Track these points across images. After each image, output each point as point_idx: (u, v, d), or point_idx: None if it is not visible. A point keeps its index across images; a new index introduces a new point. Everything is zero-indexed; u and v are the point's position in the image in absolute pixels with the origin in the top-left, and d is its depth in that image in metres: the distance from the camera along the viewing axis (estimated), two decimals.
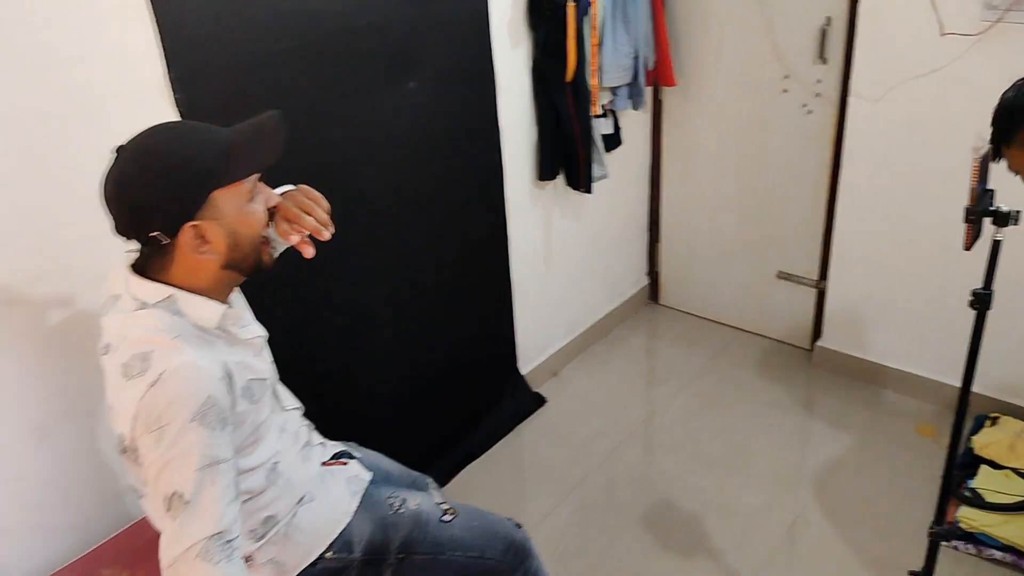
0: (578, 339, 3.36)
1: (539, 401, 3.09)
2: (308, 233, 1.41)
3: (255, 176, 1.34)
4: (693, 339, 3.46)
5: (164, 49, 1.70)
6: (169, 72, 1.71)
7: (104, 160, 1.27)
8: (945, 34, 2.45)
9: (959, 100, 2.51)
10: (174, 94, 1.73)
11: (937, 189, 2.64)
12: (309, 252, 1.41)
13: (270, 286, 1.70)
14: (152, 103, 1.71)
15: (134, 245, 1.32)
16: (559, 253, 3.11)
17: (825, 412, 2.99)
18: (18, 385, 1.63)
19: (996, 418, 2.70)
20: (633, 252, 3.57)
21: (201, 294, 1.34)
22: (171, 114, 1.74)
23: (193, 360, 1.26)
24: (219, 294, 1.38)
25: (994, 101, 2.44)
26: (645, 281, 3.69)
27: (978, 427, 2.69)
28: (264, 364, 1.48)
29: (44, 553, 1.73)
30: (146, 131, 1.29)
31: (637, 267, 3.63)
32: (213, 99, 1.81)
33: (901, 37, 2.56)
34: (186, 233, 1.27)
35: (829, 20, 2.77)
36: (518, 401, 3.02)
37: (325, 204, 1.45)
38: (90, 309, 1.70)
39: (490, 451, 2.85)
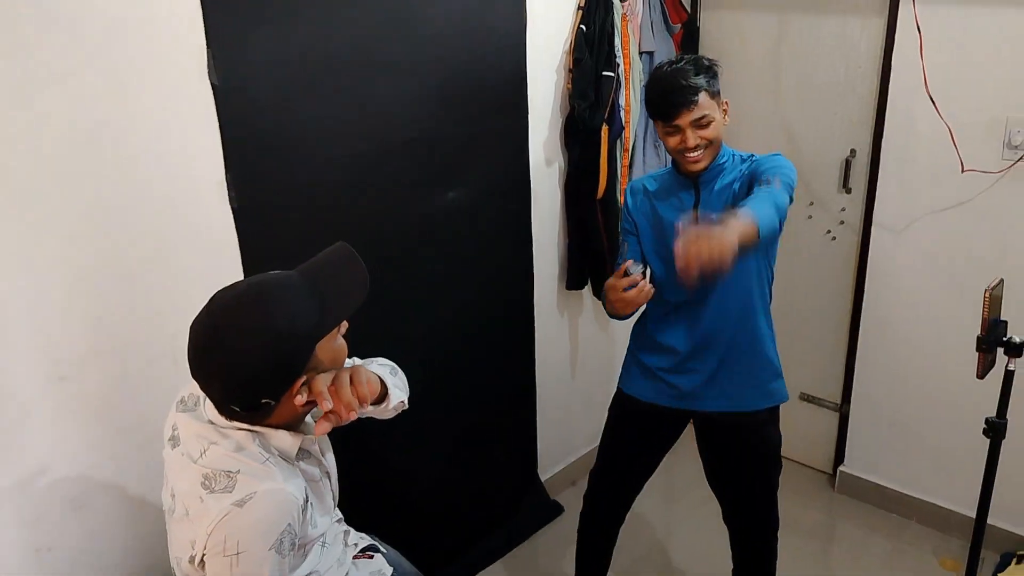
0: (592, 453, 3.36)
1: (557, 510, 3.08)
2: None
3: None
4: None
5: (224, 151, 1.83)
6: (227, 173, 1.84)
7: (167, 249, 1.36)
8: (967, 171, 2.54)
9: (980, 234, 2.59)
10: (229, 193, 1.86)
11: (958, 318, 2.67)
12: (321, 428, 1.34)
13: None
14: (210, 200, 1.83)
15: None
16: (584, 361, 3.16)
17: (846, 540, 2.94)
18: (59, 456, 1.70)
19: (1023, 556, 2.65)
20: None
21: (281, 427, 1.35)
22: (226, 212, 1.86)
23: (283, 486, 1.28)
24: (296, 425, 1.40)
25: (1015, 236, 2.52)
26: None
27: (1004, 565, 2.63)
28: (329, 487, 1.51)
29: None
30: (233, 301, 1.28)
31: None
32: (265, 201, 1.94)
33: (924, 171, 2.66)
34: (294, 391, 1.29)
35: (854, 152, 2.88)
36: (536, 508, 3.02)
37: (363, 393, 1.34)
38: (138, 389, 1.79)
39: (505, 557, 2.84)
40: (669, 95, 1.88)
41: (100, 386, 1.73)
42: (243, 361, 1.24)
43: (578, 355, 3.12)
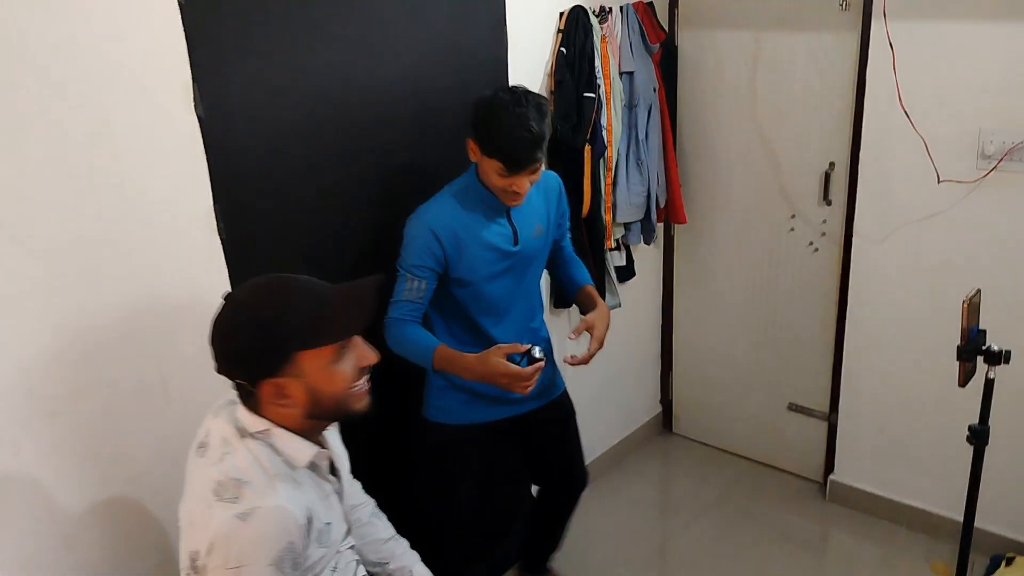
0: (591, 465, 3.35)
1: None
2: None
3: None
4: (706, 469, 3.47)
5: (212, 182, 1.85)
6: (215, 204, 1.86)
7: (156, 282, 1.39)
8: (943, 181, 2.59)
9: (958, 243, 2.63)
10: (218, 223, 1.88)
11: (940, 327, 2.71)
12: None
13: None
14: (198, 232, 1.85)
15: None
16: (573, 379, 3.16)
17: (838, 548, 2.97)
18: (50, 492, 1.69)
19: (1012, 559, 2.68)
20: (646, 380, 3.64)
21: (295, 432, 1.40)
22: (214, 242, 1.88)
23: (284, 504, 1.31)
24: (310, 435, 1.44)
25: (991, 244, 2.56)
26: (658, 409, 3.74)
27: (994, 567, 2.66)
28: (340, 509, 1.53)
29: None
30: (257, 281, 1.38)
31: (650, 395, 3.69)
32: (253, 231, 1.96)
33: (901, 182, 2.70)
34: (266, 387, 1.35)
35: (832, 165, 2.92)
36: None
37: None
38: (128, 423, 1.79)
39: None
40: (521, 150, 1.89)
41: (90, 421, 1.73)
42: (231, 333, 1.34)
43: (566, 373, 3.13)
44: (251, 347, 1.33)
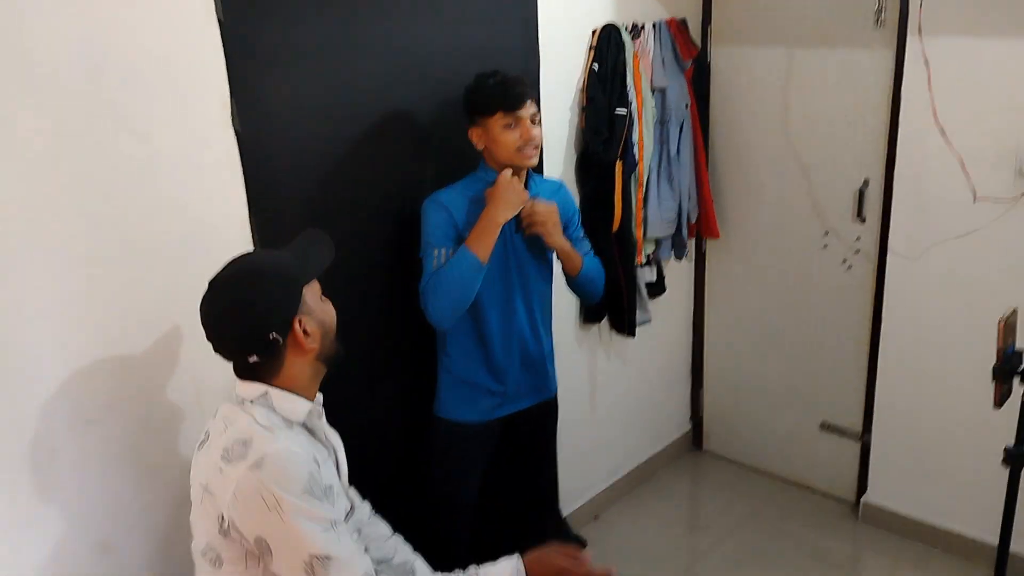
0: (620, 482, 3.36)
1: (580, 544, 3.07)
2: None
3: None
4: (736, 488, 3.43)
5: (248, 194, 1.89)
6: (251, 217, 1.90)
7: (192, 293, 1.43)
8: (979, 199, 2.56)
9: (995, 261, 2.60)
10: (253, 235, 1.91)
11: (977, 345, 2.66)
12: None
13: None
14: (234, 242, 1.87)
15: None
16: (603, 395, 3.17)
17: (871, 570, 2.92)
18: (86, 498, 1.73)
19: None
20: (676, 397, 3.62)
21: (293, 392, 1.50)
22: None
23: (289, 445, 1.40)
24: (309, 391, 1.54)
25: None
26: (688, 426, 3.71)
27: None
28: (342, 484, 1.61)
29: None
30: (232, 262, 1.51)
31: (680, 412, 3.67)
32: (287, 242, 1.98)
33: (936, 200, 2.67)
34: (296, 328, 1.46)
35: (867, 182, 2.90)
36: (559, 544, 3.01)
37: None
38: (164, 430, 1.83)
39: None
40: (511, 86, 2.05)
41: (126, 428, 1.77)
42: (244, 299, 1.45)
43: (596, 388, 3.14)
44: (278, 294, 1.46)
